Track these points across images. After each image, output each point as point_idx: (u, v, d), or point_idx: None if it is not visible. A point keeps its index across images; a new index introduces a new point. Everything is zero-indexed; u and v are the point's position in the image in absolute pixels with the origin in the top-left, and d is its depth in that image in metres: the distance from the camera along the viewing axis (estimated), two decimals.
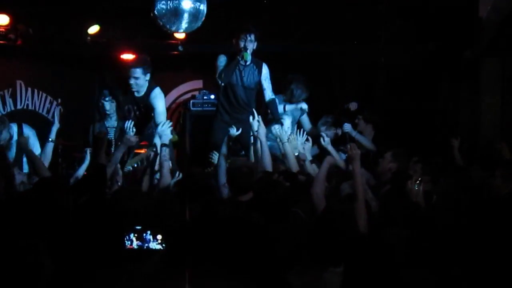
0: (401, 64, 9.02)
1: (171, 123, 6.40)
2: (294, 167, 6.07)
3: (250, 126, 6.38)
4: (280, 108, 7.98)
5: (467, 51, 8.29)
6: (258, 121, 6.25)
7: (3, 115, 8.28)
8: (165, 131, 6.17)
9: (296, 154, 6.41)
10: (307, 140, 6.79)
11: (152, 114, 7.51)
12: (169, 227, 3.72)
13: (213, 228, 2.86)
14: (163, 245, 3.58)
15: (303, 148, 6.60)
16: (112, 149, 8.00)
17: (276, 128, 6.59)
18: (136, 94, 7.50)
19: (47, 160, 6.01)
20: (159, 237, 3.58)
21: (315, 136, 7.30)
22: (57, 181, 4.36)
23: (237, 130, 6.61)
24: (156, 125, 7.13)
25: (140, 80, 7.32)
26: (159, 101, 7.35)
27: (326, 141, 6.80)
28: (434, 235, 3.92)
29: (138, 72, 7.28)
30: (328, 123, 7.99)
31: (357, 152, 4.79)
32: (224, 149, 6.25)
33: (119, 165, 6.01)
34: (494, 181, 5.17)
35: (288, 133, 6.62)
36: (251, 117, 6.38)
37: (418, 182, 5.14)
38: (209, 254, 2.74)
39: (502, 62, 7.94)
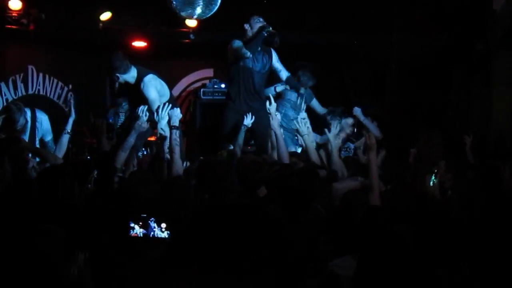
0: (413, 56, 8.96)
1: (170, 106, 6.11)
2: (315, 159, 5.94)
3: (263, 115, 6.31)
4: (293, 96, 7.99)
5: (480, 44, 8.23)
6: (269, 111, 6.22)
7: (16, 100, 8.32)
8: (175, 112, 5.91)
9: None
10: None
11: None
12: (175, 215, 3.72)
13: (224, 217, 2.85)
14: (167, 233, 3.58)
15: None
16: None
17: (296, 120, 6.44)
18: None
19: (62, 151, 5.97)
20: (163, 225, 3.58)
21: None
22: (63, 168, 4.32)
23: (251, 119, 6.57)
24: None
25: (122, 80, 7.05)
26: (150, 89, 6.98)
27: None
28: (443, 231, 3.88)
29: (117, 77, 7.00)
30: (333, 112, 7.95)
31: (374, 142, 4.76)
32: (240, 140, 6.20)
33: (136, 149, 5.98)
34: (504, 174, 5.13)
35: (307, 125, 6.33)
36: (267, 103, 6.32)
37: (434, 175, 5.13)
38: (220, 245, 2.73)
39: None
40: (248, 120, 6.53)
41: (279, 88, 8.03)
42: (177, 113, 5.95)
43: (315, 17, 8.83)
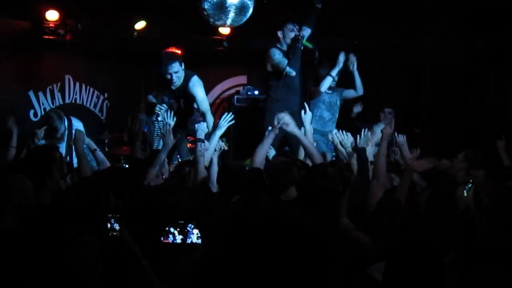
0: (447, 60, 8.89)
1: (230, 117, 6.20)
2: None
3: (298, 118, 6.26)
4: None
5: None
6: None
7: (54, 109, 8.48)
8: (201, 125, 6.09)
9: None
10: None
11: (194, 105, 7.40)
12: (207, 222, 3.74)
13: (253, 225, 2.86)
14: (200, 240, 3.60)
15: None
16: (155, 143, 8.05)
17: (336, 134, 6.23)
18: (172, 87, 7.29)
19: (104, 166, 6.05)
20: (195, 231, 3.61)
21: None
22: (96, 181, 4.36)
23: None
24: (202, 114, 7.16)
25: (180, 73, 7.21)
26: (199, 88, 7.20)
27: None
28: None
29: (175, 66, 7.15)
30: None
31: (389, 132, 5.01)
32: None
33: (166, 159, 6.05)
34: None
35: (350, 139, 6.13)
36: (302, 112, 6.27)
37: (468, 187, 5.08)
38: (251, 253, 2.74)
39: None
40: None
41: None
42: (203, 127, 6.11)
43: (347, 22, 8.81)
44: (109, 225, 3.63)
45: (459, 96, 8.97)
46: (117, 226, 3.64)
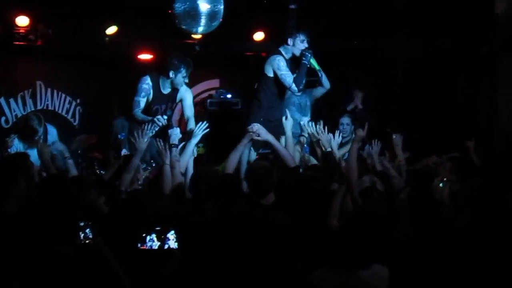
0: (418, 60, 9.00)
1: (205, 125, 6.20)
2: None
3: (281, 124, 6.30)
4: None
5: (484, 46, 8.26)
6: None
7: (34, 111, 8.43)
8: (174, 131, 6.12)
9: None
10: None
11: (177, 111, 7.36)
12: (184, 228, 3.75)
13: (228, 230, 2.88)
14: (177, 245, 3.61)
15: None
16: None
17: (303, 125, 6.38)
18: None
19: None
20: (172, 237, 3.61)
21: None
22: (63, 188, 4.35)
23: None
24: (186, 119, 7.23)
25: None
26: (190, 94, 7.40)
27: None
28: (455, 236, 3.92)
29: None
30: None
31: (362, 135, 5.18)
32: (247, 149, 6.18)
33: (141, 165, 6.06)
34: None
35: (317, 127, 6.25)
36: (283, 118, 6.33)
37: (444, 180, 5.18)
38: (225, 257, 2.76)
39: None
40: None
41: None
42: (177, 132, 6.13)
43: (318, 24, 8.87)
44: (82, 233, 3.63)
45: (430, 96, 9.09)
46: (91, 234, 3.64)
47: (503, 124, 8.15)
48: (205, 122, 6.24)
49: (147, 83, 7.21)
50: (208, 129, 6.18)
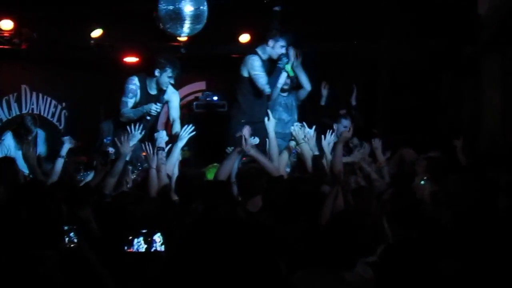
0: (403, 61, 9.06)
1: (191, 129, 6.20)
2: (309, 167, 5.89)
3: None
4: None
5: (468, 47, 8.34)
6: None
7: (10, 120, 8.40)
8: (160, 134, 6.14)
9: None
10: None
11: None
12: (170, 230, 3.76)
13: (212, 231, 2.89)
14: (164, 247, 3.62)
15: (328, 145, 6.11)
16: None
17: (293, 128, 6.29)
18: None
19: (56, 176, 6.01)
20: (159, 239, 3.62)
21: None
22: (46, 192, 4.35)
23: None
24: (172, 121, 7.25)
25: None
26: (177, 96, 7.42)
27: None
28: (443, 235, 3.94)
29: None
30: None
31: (347, 136, 5.20)
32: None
33: (129, 167, 6.07)
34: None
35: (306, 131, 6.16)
36: (266, 119, 6.30)
37: (425, 178, 5.24)
38: (209, 259, 2.77)
39: (503, 57, 7.99)
40: (255, 140, 6.38)
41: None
42: (163, 135, 6.14)
43: (304, 26, 8.90)
44: (66, 237, 3.63)
45: (415, 96, 9.15)
46: (75, 238, 3.64)
47: (487, 124, 8.22)
48: (191, 125, 6.25)
49: (134, 83, 7.18)
50: (194, 132, 6.19)
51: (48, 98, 9.45)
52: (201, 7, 6.48)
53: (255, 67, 7.36)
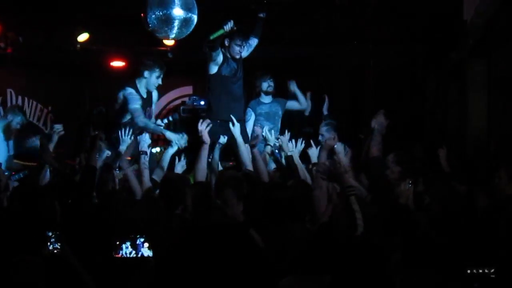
0: (389, 66, 9.10)
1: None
2: (304, 177, 5.89)
3: (242, 128, 6.32)
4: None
5: (453, 52, 8.38)
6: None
7: None
8: (143, 137, 6.12)
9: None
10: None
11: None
12: (157, 234, 3.75)
13: (198, 236, 2.89)
14: (152, 251, 3.61)
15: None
16: None
17: (279, 140, 6.36)
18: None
19: (43, 181, 5.97)
20: (146, 244, 3.61)
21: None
22: (39, 194, 4.33)
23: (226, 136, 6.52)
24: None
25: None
26: (155, 93, 7.45)
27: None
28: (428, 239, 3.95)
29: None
30: (331, 124, 7.96)
31: (331, 144, 5.28)
32: (216, 156, 6.22)
33: (117, 170, 6.06)
34: (499, 182, 5.13)
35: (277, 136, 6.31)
36: (230, 124, 6.33)
37: (410, 183, 5.26)
38: (196, 263, 2.77)
39: (488, 62, 8.03)
40: (223, 139, 6.41)
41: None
42: (146, 138, 6.13)
43: (290, 31, 8.93)
44: (49, 243, 3.61)
45: (401, 101, 9.19)
46: (58, 244, 3.63)
47: (473, 129, 8.26)
48: (183, 133, 6.25)
49: (130, 91, 7.07)
50: (186, 144, 6.20)
51: (34, 102, 9.41)
52: (192, 15, 6.43)
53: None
